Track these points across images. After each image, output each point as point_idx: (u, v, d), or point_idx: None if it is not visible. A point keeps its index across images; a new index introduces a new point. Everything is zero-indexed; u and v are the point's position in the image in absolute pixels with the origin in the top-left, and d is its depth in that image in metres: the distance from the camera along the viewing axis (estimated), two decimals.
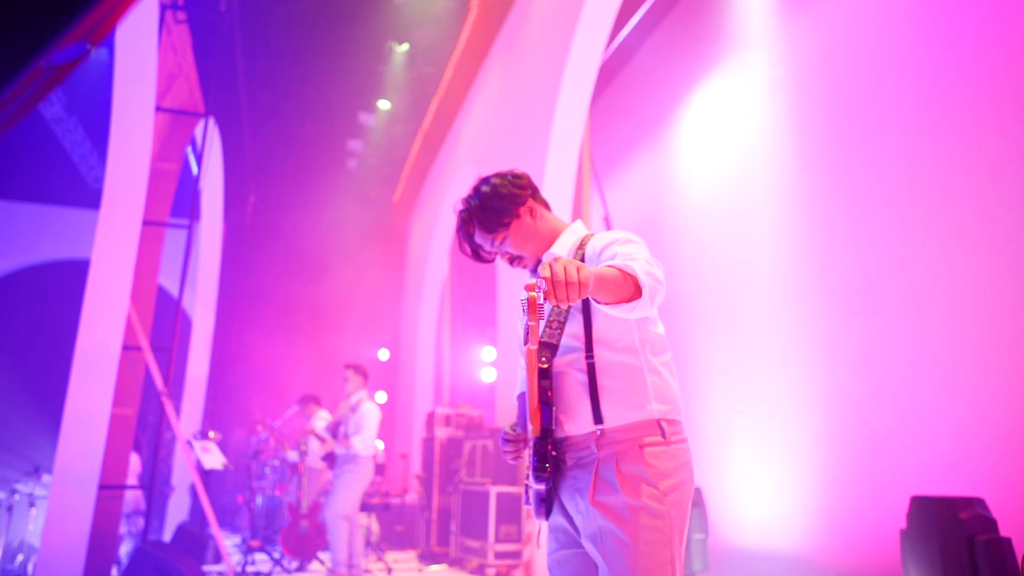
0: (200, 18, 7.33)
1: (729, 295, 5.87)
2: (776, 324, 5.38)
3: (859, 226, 4.71)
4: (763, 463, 5.18)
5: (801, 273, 5.20)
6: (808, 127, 5.29)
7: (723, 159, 6.28)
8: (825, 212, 5.07)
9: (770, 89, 5.70)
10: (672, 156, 7.10)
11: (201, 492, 6.14)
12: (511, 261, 1.95)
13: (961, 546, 2.98)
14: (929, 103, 4.28)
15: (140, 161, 5.74)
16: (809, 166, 5.26)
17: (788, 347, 5.21)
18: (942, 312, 4.04)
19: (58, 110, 9.51)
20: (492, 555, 6.04)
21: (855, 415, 4.52)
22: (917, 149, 4.34)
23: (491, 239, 1.90)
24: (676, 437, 1.75)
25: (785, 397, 5.14)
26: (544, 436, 1.73)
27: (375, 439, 5.76)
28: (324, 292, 12.65)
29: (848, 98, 4.94)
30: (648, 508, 1.63)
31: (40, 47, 0.64)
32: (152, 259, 6.48)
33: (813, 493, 4.74)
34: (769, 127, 5.67)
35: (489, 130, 8.71)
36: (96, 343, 5.30)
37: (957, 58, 4.11)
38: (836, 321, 4.80)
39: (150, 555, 4.61)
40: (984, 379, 3.75)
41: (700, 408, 6.02)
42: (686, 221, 6.70)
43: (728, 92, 6.28)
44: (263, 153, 11.46)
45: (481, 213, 1.89)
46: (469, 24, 8.51)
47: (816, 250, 5.11)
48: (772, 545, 4.88)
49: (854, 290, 4.69)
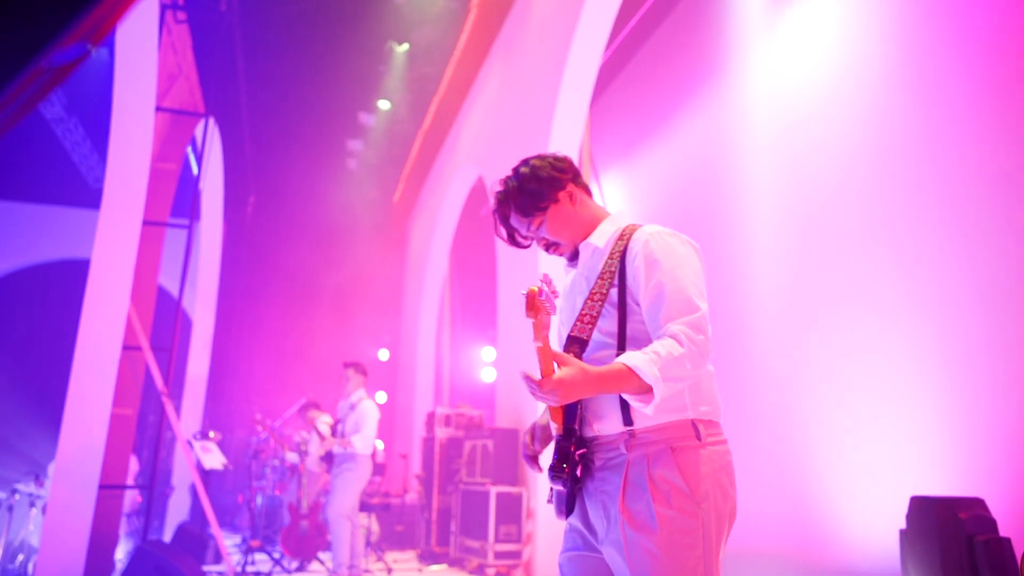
0: (200, 18, 7.33)
1: (727, 296, 5.87)
2: (774, 324, 5.39)
3: (856, 228, 4.71)
4: (762, 463, 5.17)
5: (800, 273, 5.21)
6: (809, 128, 5.29)
7: (723, 159, 6.28)
8: (824, 211, 5.06)
9: (770, 90, 5.70)
10: (672, 156, 7.10)
11: (201, 492, 6.14)
12: (547, 247, 1.87)
13: (961, 546, 2.98)
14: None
15: (140, 161, 5.74)
16: (809, 166, 5.26)
17: (786, 346, 5.21)
18: (942, 311, 4.03)
19: (58, 110, 9.51)
20: (492, 555, 6.04)
21: (854, 414, 4.52)
22: (915, 150, 4.34)
23: (527, 223, 1.82)
24: (713, 439, 1.65)
25: (783, 396, 5.14)
26: (567, 435, 1.65)
27: (374, 438, 5.75)
28: (324, 292, 12.65)
29: (850, 99, 4.94)
30: (678, 519, 1.55)
31: (41, 47, 0.64)
32: (152, 259, 6.48)
33: (813, 493, 4.74)
34: (771, 126, 5.67)
35: (489, 130, 8.71)
36: (96, 343, 5.30)
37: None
38: (835, 320, 4.80)
39: (150, 555, 4.61)
40: (984, 379, 3.75)
41: None
42: (685, 222, 6.71)
43: (728, 92, 6.28)
44: (263, 153, 11.47)
45: (518, 196, 1.81)
46: (469, 24, 8.51)
47: (815, 251, 5.11)
48: (771, 545, 4.89)
49: (853, 289, 4.69)
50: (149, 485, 6.10)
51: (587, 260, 1.83)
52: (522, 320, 7.09)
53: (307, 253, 12.90)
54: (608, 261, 1.76)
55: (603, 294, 1.71)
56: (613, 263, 1.74)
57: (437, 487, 7.57)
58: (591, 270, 1.81)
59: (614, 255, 1.75)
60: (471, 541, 6.45)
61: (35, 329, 11.74)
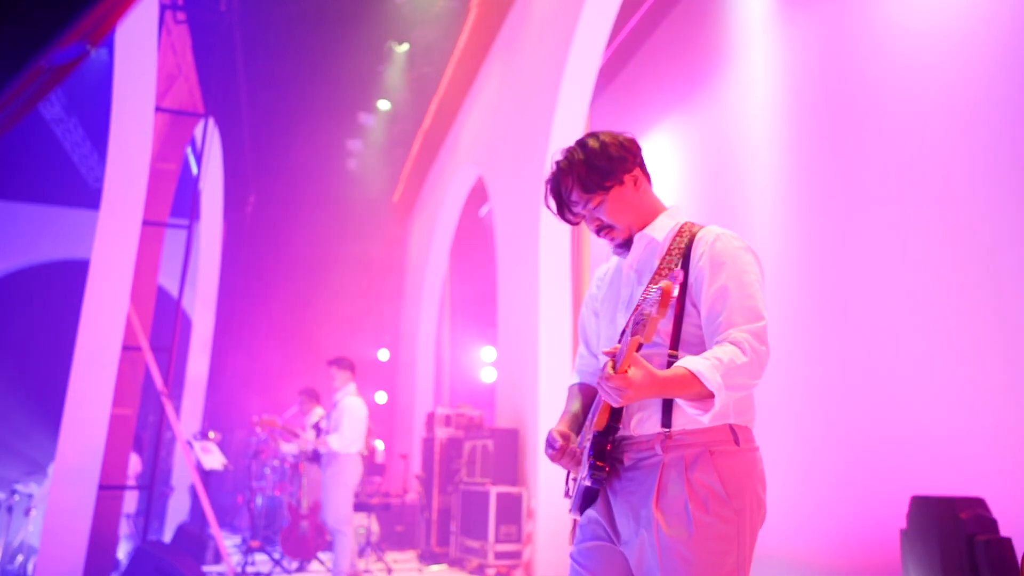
0: (200, 18, 7.33)
1: None
2: (773, 324, 5.38)
3: (858, 227, 4.71)
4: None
5: (799, 273, 5.20)
6: (809, 128, 5.29)
7: (723, 159, 6.28)
8: (822, 212, 5.06)
9: (771, 90, 5.70)
10: (672, 156, 7.10)
11: (201, 492, 6.14)
12: (599, 230, 1.75)
13: (961, 546, 2.98)
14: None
15: (140, 161, 5.74)
16: (807, 167, 5.26)
17: (787, 346, 5.21)
18: (942, 311, 4.03)
19: (58, 110, 9.51)
20: (492, 555, 6.04)
21: (855, 414, 4.52)
22: (909, 145, 4.34)
23: (587, 200, 1.71)
24: (748, 445, 1.62)
25: (784, 396, 5.14)
26: (607, 432, 1.60)
27: (359, 436, 5.49)
28: (324, 292, 12.66)
29: (850, 100, 4.94)
30: (716, 524, 1.51)
31: (40, 47, 0.64)
32: (152, 259, 6.48)
33: (813, 493, 4.74)
34: (769, 127, 5.67)
35: (489, 130, 8.71)
36: (96, 343, 5.30)
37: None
38: (834, 320, 4.80)
39: (150, 555, 4.61)
40: (984, 379, 3.75)
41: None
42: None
43: (728, 92, 6.28)
44: (263, 153, 11.47)
45: (584, 169, 1.70)
46: (469, 24, 8.51)
47: (817, 251, 5.11)
48: (771, 545, 4.89)
49: (853, 289, 4.69)
50: (149, 485, 6.10)
51: (640, 252, 1.75)
52: (522, 320, 7.03)
53: (307, 253, 12.91)
54: (667, 258, 1.68)
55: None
56: (672, 260, 1.67)
57: (437, 487, 7.57)
58: (643, 263, 1.74)
59: (673, 252, 1.68)
60: (471, 541, 6.45)
61: (35, 329, 11.74)
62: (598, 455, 1.59)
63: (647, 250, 1.75)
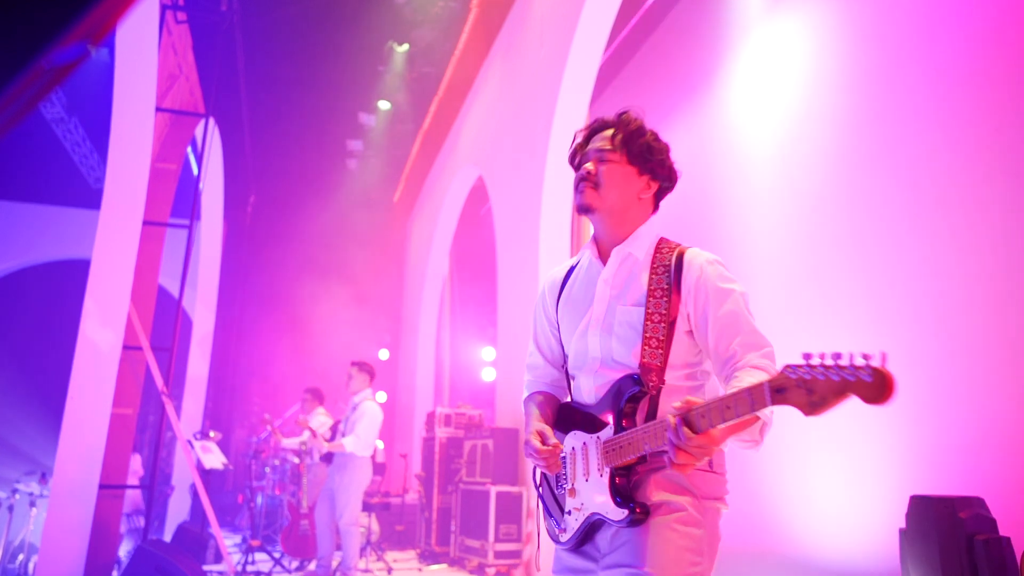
0: (201, 18, 7.34)
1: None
2: (773, 324, 5.38)
3: (854, 229, 4.71)
4: (762, 462, 5.18)
5: (797, 274, 5.21)
6: (808, 128, 5.29)
7: (722, 160, 6.28)
8: (821, 212, 5.07)
9: (770, 90, 5.71)
10: (672, 156, 7.10)
11: (201, 492, 6.14)
12: (581, 180, 1.74)
13: (960, 545, 2.98)
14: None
15: (140, 161, 5.74)
16: (807, 167, 5.26)
17: (787, 346, 5.21)
18: (941, 311, 4.04)
19: (59, 110, 9.52)
20: (492, 555, 6.04)
21: (854, 414, 4.52)
22: (910, 145, 4.35)
23: (610, 150, 1.73)
24: (721, 469, 1.66)
25: None
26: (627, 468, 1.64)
27: (372, 439, 5.63)
28: (324, 292, 12.66)
29: (849, 100, 4.94)
30: (687, 514, 1.57)
31: (41, 47, 0.64)
32: (152, 259, 6.49)
33: (812, 493, 4.75)
34: (769, 127, 5.67)
35: (489, 130, 8.71)
36: (96, 343, 5.30)
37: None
38: (834, 320, 4.80)
39: (150, 555, 4.61)
40: (984, 379, 3.75)
41: None
42: (681, 223, 6.70)
43: (727, 92, 6.28)
44: (263, 153, 11.47)
45: (634, 134, 1.74)
46: (469, 24, 8.51)
47: (813, 253, 5.11)
48: (771, 545, 4.89)
49: (852, 289, 4.69)
50: (149, 485, 6.10)
51: (616, 267, 1.74)
52: (522, 320, 7.02)
53: (307, 253, 12.91)
54: (652, 277, 1.67)
55: (663, 315, 1.63)
56: (660, 280, 1.66)
57: (437, 487, 7.58)
58: (624, 282, 1.72)
59: (659, 271, 1.67)
60: (471, 541, 6.45)
61: (35, 329, 11.75)
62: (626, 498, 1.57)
63: (625, 266, 1.73)
